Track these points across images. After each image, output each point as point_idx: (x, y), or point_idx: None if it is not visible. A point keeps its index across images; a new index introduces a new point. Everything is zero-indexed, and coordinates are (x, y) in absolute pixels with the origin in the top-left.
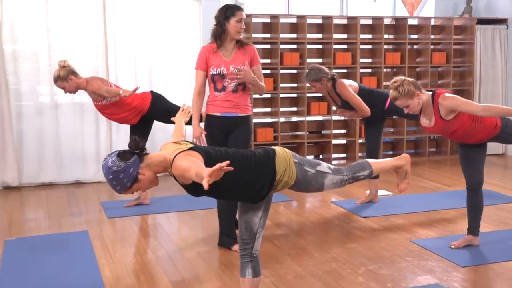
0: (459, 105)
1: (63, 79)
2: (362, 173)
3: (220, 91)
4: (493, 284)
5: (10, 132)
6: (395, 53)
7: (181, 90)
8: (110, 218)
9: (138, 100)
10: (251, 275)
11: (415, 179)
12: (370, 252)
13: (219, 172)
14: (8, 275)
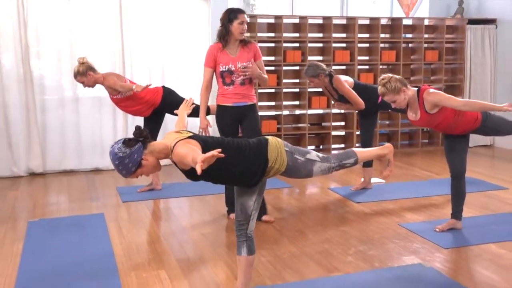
0: (442, 100)
1: (82, 75)
2: (348, 161)
3: (229, 85)
4: (472, 264)
5: (35, 124)
6: (391, 51)
7: (192, 85)
8: (124, 202)
9: (151, 94)
10: (246, 253)
11: (408, 168)
12: (361, 234)
13: (211, 158)
14: (30, 253)
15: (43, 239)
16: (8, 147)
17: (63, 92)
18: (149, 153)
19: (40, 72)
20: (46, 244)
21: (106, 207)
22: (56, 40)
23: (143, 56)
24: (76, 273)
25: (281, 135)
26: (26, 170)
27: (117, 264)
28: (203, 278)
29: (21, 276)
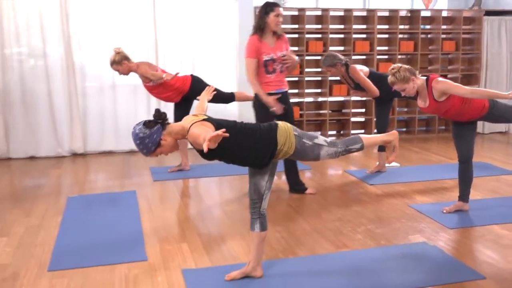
0: (449, 89)
1: (118, 63)
2: (354, 146)
3: (271, 73)
4: (474, 244)
5: (77, 108)
6: (409, 42)
7: (219, 75)
8: (155, 181)
9: (180, 82)
10: (259, 229)
11: (423, 153)
12: (371, 214)
13: (217, 137)
14: (67, 225)
15: (79, 213)
16: (53, 130)
17: (102, 80)
18: (167, 134)
19: (81, 61)
20: (82, 218)
21: (139, 185)
22: (95, 32)
23: (175, 48)
24: (106, 244)
25: (303, 121)
26: (69, 151)
27: (144, 237)
28: (220, 251)
29: (57, 246)
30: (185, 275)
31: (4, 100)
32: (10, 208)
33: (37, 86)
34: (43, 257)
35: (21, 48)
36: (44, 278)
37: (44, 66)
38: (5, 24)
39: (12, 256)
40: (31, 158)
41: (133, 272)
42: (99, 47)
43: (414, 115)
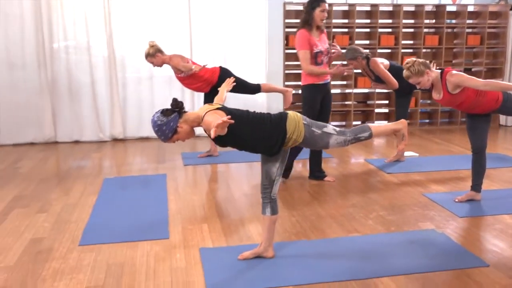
0: (463, 81)
1: (152, 56)
2: (363, 135)
3: (320, 65)
4: (482, 232)
5: (117, 97)
6: (434, 36)
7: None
8: (185, 165)
9: (209, 73)
10: (270, 213)
11: (444, 143)
12: (384, 201)
13: (223, 124)
14: (101, 204)
15: (113, 194)
16: (96, 116)
17: (141, 71)
18: (183, 122)
19: (121, 54)
20: (114, 198)
21: (170, 169)
22: (135, 27)
23: (208, 42)
24: (133, 223)
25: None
26: (110, 136)
27: (169, 217)
28: (237, 232)
29: (89, 223)
30: (202, 253)
31: (52, 89)
32: (53, 187)
33: (81, 76)
34: (76, 232)
35: (68, 42)
36: (74, 251)
37: (88, 59)
38: (54, 19)
39: (49, 231)
40: (75, 142)
41: (155, 249)
42: (138, 41)
43: (437, 107)
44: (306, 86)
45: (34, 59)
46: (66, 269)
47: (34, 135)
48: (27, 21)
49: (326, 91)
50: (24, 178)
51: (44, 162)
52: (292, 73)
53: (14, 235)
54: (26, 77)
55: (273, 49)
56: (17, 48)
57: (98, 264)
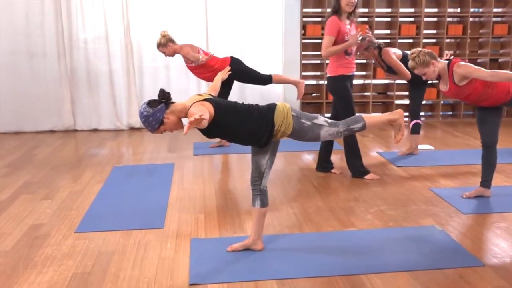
0: (470, 72)
1: (163, 46)
2: (356, 126)
3: (349, 55)
4: (484, 230)
5: (134, 86)
6: (458, 25)
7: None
8: (195, 155)
9: (220, 63)
10: (259, 205)
11: (463, 137)
12: (388, 195)
13: (197, 120)
14: (105, 192)
15: (119, 182)
16: (113, 105)
17: (157, 60)
18: (170, 113)
19: (138, 43)
20: (119, 186)
21: (179, 158)
22: (151, 18)
23: (224, 32)
24: (131, 211)
25: None
26: (127, 125)
27: (168, 206)
28: (232, 223)
29: (90, 210)
30: (192, 243)
31: (72, 79)
32: (63, 174)
33: (99, 66)
34: (75, 220)
35: (86, 32)
36: (70, 238)
37: (106, 48)
38: (73, 9)
39: (50, 217)
40: (93, 131)
41: (147, 237)
42: (154, 31)
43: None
44: (335, 78)
45: (54, 49)
46: (58, 255)
47: (54, 123)
48: (47, 11)
49: (351, 82)
50: (38, 164)
51: (59, 150)
52: (309, 63)
53: (16, 221)
54: (46, 67)
55: (290, 39)
56: (38, 38)
57: (89, 251)
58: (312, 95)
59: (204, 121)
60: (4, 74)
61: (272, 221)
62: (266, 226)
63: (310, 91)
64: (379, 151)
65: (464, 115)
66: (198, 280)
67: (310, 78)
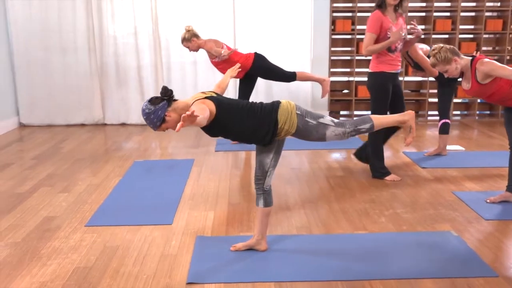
0: (494, 70)
1: (188, 40)
2: (363, 126)
3: (393, 52)
4: (504, 238)
5: (162, 81)
6: (498, 20)
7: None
8: (216, 151)
9: (243, 59)
10: (263, 205)
11: (498, 138)
12: (407, 198)
13: (189, 118)
14: (122, 187)
15: (136, 177)
16: (141, 100)
17: (184, 56)
18: (172, 110)
19: (166, 38)
20: (136, 181)
21: (200, 154)
22: (180, 12)
23: (251, 28)
24: (143, 206)
25: None
26: None
27: (180, 202)
28: (241, 222)
29: (103, 205)
30: (197, 241)
31: (101, 74)
32: (84, 167)
33: (128, 61)
34: (87, 213)
35: (116, 28)
36: (79, 232)
37: (134, 44)
38: (103, 5)
39: (64, 210)
40: (122, 125)
41: (154, 234)
42: (182, 26)
43: None
44: (375, 74)
45: (85, 44)
46: (65, 248)
47: (84, 117)
48: (78, 8)
49: (395, 80)
50: (63, 157)
51: (86, 143)
52: (338, 59)
53: (31, 213)
54: (77, 62)
55: (318, 34)
56: (69, 33)
57: (95, 246)
58: (342, 92)
59: (200, 119)
60: (37, 69)
61: (282, 221)
62: (274, 225)
63: (339, 88)
64: (405, 151)
65: (502, 114)
66: (196, 279)
67: (339, 74)
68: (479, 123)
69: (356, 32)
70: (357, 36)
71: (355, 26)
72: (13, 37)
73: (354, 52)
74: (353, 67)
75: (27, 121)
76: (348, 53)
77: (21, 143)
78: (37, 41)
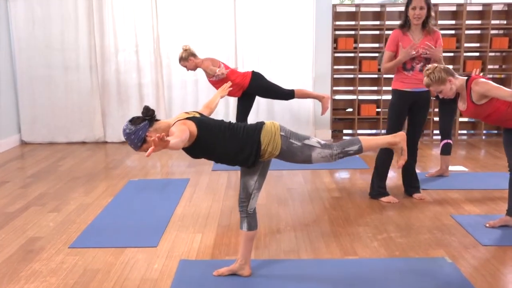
0: (489, 90)
1: (185, 60)
2: (351, 148)
3: (409, 71)
4: (501, 265)
5: (163, 99)
6: (503, 38)
7: (296, 72)
8: (213, 170)
9: (240, 78)
10: (246, 228)
11: (503, 158)
12: (403, 221)
13: (159, 142)
14: (112, 207)
15: (128, 196)
16: None
17: (186, 74)
18: (153, 131)
19: (168, 57)
20: (127, 201)
21: (196, 173)
22: (181, 31)
23: (253, 46)
24: (131, 227)
25: (380, 118)
26: None
27: (169, 223)
28: (228, 245)
29: (91, 225)
30: (179, 265)
31: (103, 91)
32: (78, 186)
33: (130, 79)
34: (73, 234)
35: (118, 44)
36: (61, 254)
37: (136, 62)
38: (105, 24)
39: (50, 230)
40: (122, 143)
41: (138, 256)
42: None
43: None
44: (392, 91)
45: (86, 62)
46: (44, 271)
47: (85, 135)
48: (81, 27)
49: (415, 100)
50: (59, 175)
51: (84, 161)
52: (341, 78)
53: (17, 233)
54: (79, 79)
55: (320, 52)
56: (72, 52)
57: (75, 268)
58: (345, 110)
59: (174, 142)
60: (40, 87)
61: (270, 244)
62: (262, 249)
63: (342, 106)
64: None
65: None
66: None
67: (342, 93)
68: (485, 143)
69: (358, 50)
70: (359, 54)
71: (357, 44)
72: (16, 55)
73: (357, 70)
74: (356, 86)
75: (28, 139)
76: (351, 71)
77: (20, 160)
78: (39, 59)
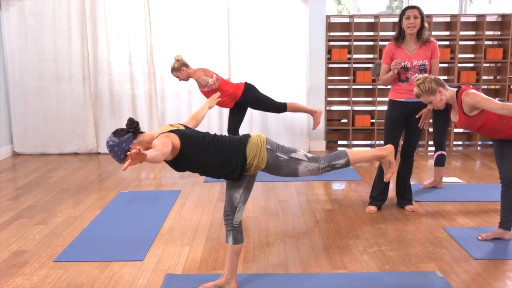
0: (479, 102)
1: (177, 70)
2: (338, 162)
3: (403, 82)
4: (492, 279)
5: (156, 110)
6: (498, 49)
7: (289, 83)
8: (205, 182)
9: (233, 88)
10: (232, 242)
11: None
12: (394, 234)
13: (136, 156)
14: (100, 219)
15: (117, 209)
16: None
17: (179, 85)
18: (137, 143)
19: (161, 67)
20: (116, 213)
21: (188, 184)
22: (174, 42)
23: (246, 56)
24: (118, 241)
25: (374, 129)
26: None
27: (156, 236)
28: (216, 259)
29: (77, 238)
30: (165, 280)
31: (95, 102)
32: (67, 198)
33: (122, 90)
34: (59, 248)
35: (111, 55)
36: (45, 268)
37: (129, 72)
38: (98, 35)
39: (36, 244)
40: None
41: (123, 271)
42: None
43: None
44: (388, 101)
45: (79, 72)
46: (27, 285)
47: (78, 146)
48: (74, 38)
49: (411, 110)
50: (48, 187)
51: (75, 173)
52: (335, 89)
53: (2, 246)
54: (72, 90)
55: (314, 63)
56: (65, 63)
57: (59, 283)
58: (340, 121)
59: (153, 156)
60: (33, 98)
61: (258, 258)
62: (249, 263)
63: (336, 117)
64: None
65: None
66: None
67: (336, 103)
68: (481, 154)
69: (352, 61)
70: (353, 65)
71: (351, 55)
72: (9, 66)
73: (351, 81)
74: (350, 96)
75: (20, 150)
76: (345, 82)
77: (11, 172)
78: (32, 70)
